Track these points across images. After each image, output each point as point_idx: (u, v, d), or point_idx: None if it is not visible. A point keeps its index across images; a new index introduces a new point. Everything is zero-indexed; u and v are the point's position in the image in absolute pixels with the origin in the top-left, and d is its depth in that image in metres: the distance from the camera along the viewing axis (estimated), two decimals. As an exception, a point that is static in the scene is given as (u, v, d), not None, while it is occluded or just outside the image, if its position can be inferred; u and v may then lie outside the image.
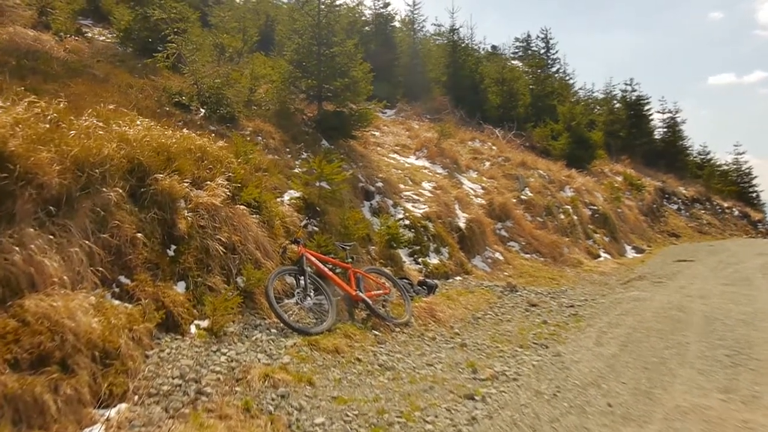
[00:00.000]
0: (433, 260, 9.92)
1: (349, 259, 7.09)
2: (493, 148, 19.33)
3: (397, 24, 27.82)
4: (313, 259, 6.59)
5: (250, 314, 5.89)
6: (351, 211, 8.43)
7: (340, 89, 11.21)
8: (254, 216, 6.73)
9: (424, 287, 8.45)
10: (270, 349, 5.26)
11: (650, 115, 32.05)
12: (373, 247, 8.90)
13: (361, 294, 6.70)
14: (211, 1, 16.24)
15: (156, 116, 7.85)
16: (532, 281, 11.20)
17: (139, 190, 5.51)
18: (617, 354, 6.02)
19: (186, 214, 5.82)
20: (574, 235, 15.56)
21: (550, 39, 32.54)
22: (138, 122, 6.23)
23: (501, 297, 9.35)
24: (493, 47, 35.09)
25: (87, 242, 4.65)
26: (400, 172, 12.55)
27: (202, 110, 9.10)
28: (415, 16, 26.99)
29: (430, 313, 7.55)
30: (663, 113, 33.45)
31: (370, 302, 6.71)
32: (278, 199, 7.83)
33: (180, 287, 5.39)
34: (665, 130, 33.26)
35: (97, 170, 5.01)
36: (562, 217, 15.77)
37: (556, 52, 32.57)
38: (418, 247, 9.83)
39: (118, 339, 4.22)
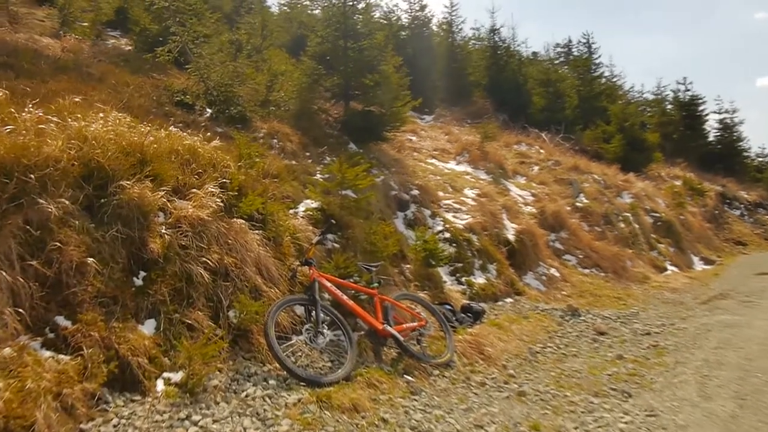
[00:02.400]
0: (479, 279, 8.45)
1: (375, 284, 5.69)
2: (541, 151, 17.73)
3: (434, 28, 26.64)
4: (329, 284, 5.23)
5: (244, 359, 4.56)
6: (379, 223, 7.05)
7: (369, 86, 9.92)
8: (256, 232, 5.43)
9: (469, 314, 7.00)
10: (264, 411, 3.92)
11: (705, 115, 29.69)
12: (408, 266, 7.50)
13: (389, 328, 5.31)
14: (243, 10, 15.45)
15: (151, 116, 6.69)
16: (595, 302, 9.59)
17: (97, 200, 4.28)
18: (737, 414, 4.41)
19: (162, 230, 4.56)
20: (637, 245, 13.82)
21: (593, 43, 30.58)
22: (109, 117, 5.00)
23: (561, 323, 7.80)
24: (534, 53, 33.44)
25: (7, 273, 3.40)
26: (438, 178, 11.13)
27: (209, 110, 7.91)
28: (453, 17, 25.61)
29: (477, 347, 6.09)
30: (719, 113, 30.88)
31: (401, 338, 5.31)
32: (291, 211, 6.53)
33: (147, 327, 4.10)
34: (721, 131, 30.68)
35: (32, 175, 3.79)
36: (622, 225, 14.05)
37: (600, 56, 30.46)
38: (460, 265, 8.38)
39: (33, 411, 2.95)
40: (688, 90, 29.29)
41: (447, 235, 8.74)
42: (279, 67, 9.57)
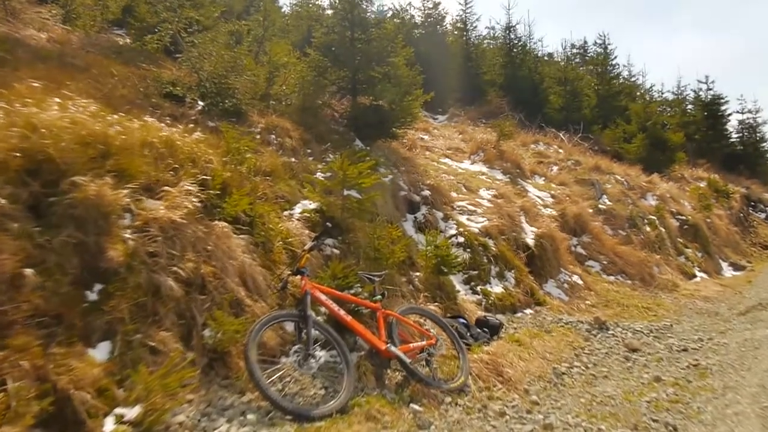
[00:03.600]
0: (496, 288, 7.70)
1: (378, 296, 4.97)
2: (560, 151, 16.93)
3: (448, 26, 25.95)
4: (323, 297, 4.52)
5: (220, 387, 3.86)
6: (386, 227, 6.33)
7: (378, 79, 9.22)
8: (242, 236, 4.75)
9: (485, 329, 6.26)
10: (237, 455, 3.22)
11: (728, 115, 28.55)
12: (417, 274, 6.78)
13: (393, 348, 4.58)
14: (254, 9, 14.92)
15: (134, 107, 6.03)
16: (623, 312, 8.80)
17: (45, 199, 3.61)
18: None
19: (126, 235, 3.88)
20: (664, 250, 12.95)
21: (609, 44, 29.42)
22: (69, 105, 4.33)
23: (588, 338, 7.02)
24: (549, 55, 32.48)
25: None
26: (452, 178, 10.39)
27: (201, 103, 7.25)
28: (467, 15, 24.83)
29: (494, 368, 5.35)
30: (742, 113, 29.66)
31: (407, 360, 4.59)
32: (285, 213, 5.85)
33: (99, 352, 3.42)
34: (744, 131, 29.47)
35: (-44, 169, 3.13)
36: (648, 229, 13.18)
37: (615, 57, 29.25)
38: (475, 272, 7.63)
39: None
40: (711, 89, 28.18)
41: (461, 239, 8.00)
42: (281, 58, 8.87)
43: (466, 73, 22.36)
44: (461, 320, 6.12)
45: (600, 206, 12.67)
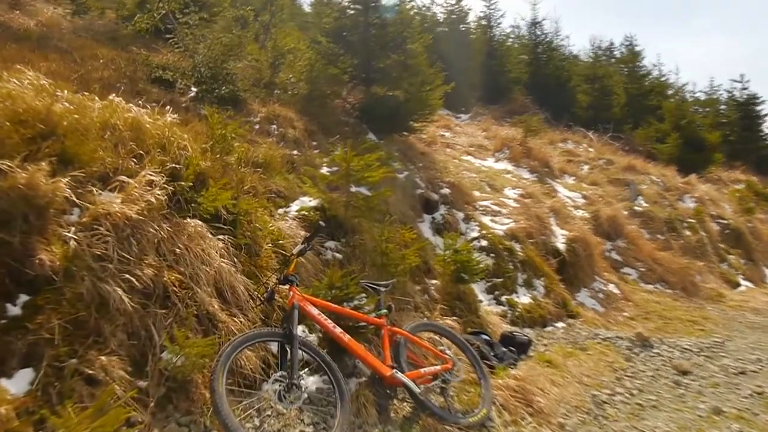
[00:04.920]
0: (523, 298, 6.84)
1: (384, 309, 4.15)
2: (590, 150, 15.94)
3: (471, 23, 25.06)
4: (315, 311, 3.71)
5: (179, 425, 3.07)
6: (395, 228, 5.52)
7: (393, 67, 8.43)
8: (221, 237, 3.97)
9: (512, 348, 5.39)
10: None
11: (765, 115, 27.06)
12: (433, 282, 5.96)
13: (400, 375, 3.75)
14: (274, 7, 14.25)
15: (113, 91, 5.31)
16: (666, 326, 7.85)
17: (-41, 189, 2.88)
18: None
19: (68, 233, 3.13)
20: (705, 257, 11.89)
21: (635, 46, 28.08)
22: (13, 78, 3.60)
23: (630, 358, 6.12)
24: (574, 56, 31.29)
25: None
26: (474, 175, 9.55)
27: (194, 89, 6.53)
28: (491, 12, 23.95)
29: (523, 396, 4.49)
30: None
31: (417, 389, 3.76)
32: (281, 210, 5.07)
33: (17, 382, 2.67)
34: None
35: None
36: (688, 233, 12.13)
37: (643, 58, 27.95)
38: (500, 280, 6.79)
39: None
40: (745, 88, 26.74)
41: (483, 242, 7.16)
42: (287, 44, 8.13)
43: (489, 71, 21.45)
44: (484, 337, 5.27)
45: (635, 208, 11.68)
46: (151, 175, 3.64)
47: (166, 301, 3.38)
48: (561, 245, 8.34)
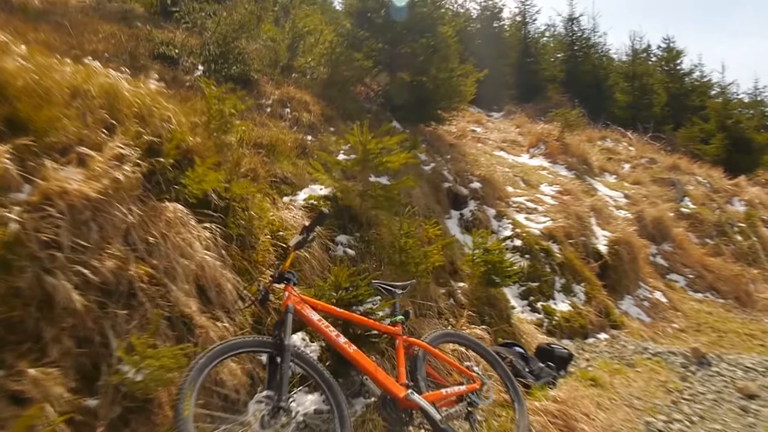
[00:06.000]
0: (561, 305, 6.10)
1: (400, 316, 3.45)
2: (630, 148, 14.99)
3: (506, 23, 24.25)
4: (315, 317, 3.04)
5: (135, 457, 2.46)
6: (417, 221, 4.83)
7: (420, 51, 7.75)
8: (207, 225, 3.35)
9: (550, 363, 4.66)
10: None
11: (813, 118, 25.57)
12: (460, 285, 5.26)
13: (416, 398, 3.05)
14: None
15: (108, 66, 4.76)
16: (720, 340, 7.02)
17: None
18: None
19: (11, 215, 2.54)
20: (759, 264, 10.91)
21: (675, 44, 26.71)
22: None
23: (685, 377, 5.31)
24: (612, 54, 30.08)
25: None
26: (508, 170, 8.81)
27: (200, 68, 5.96)
28: (526, 8, 23.14)
29: (564, 423, 3.76)
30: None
31: (437, 414, 3.06)
32: (286, 198, 4.44)
33: None
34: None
35: None
36: (740, 238, 11.16)
37: (684, 56, 26.51)
38: (535, 284, 6.06)
39: None
40: (792, 90, 25.24)
41: (517, 242, 6.44)
42: (307, 23, 7.52)
43: (523, 69, 20.74)
44: (518, 349, 4.54)
45: (682, 210, 10.77)
46: (121, 147, 3.04)
47: (130, 300, 2.77)
48: (603, 247, 7.55)
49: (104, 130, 3.17)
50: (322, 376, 2.87)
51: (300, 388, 3.09)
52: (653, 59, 26.31)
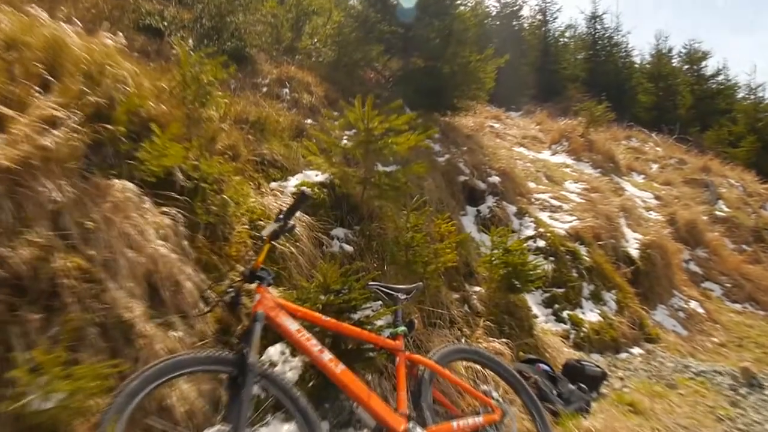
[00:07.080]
0: (590, 315, 5.40)
1: (403, 327, 2.79)
2: (657, 149, 14.21)
3: (525, 18, 23.55)
4: (293, 326, 2.38)
5: None
6: (426, 213, 4.16)
7: (436, 34, 7.11)
8: (167, 210, 2.73)
9: (581, 385, 3.97)
10: None
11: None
12: (476, 290, 4.59)
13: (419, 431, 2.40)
14: None
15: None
16: (766, 357, 6.26)
17: None
18: None
19: None
20: (797, 273, 10.11)
21: (700, 46, 25.61)
22: None
23: (735, 402, 4.58)
24: (635, 54, 29.18)
25: None
26: (530, 165, 8.12)
27: (191, 42, 5.35)
28: (547, 5, 22.47)
29: (601, 461, 3.08)
30: None
31: (446, 454, 2.40)
32: (274, 184, 3.81)
33: None
34: None
35: None
36: (776, 245, 10.35)
37: (710, 57, 25.43)
38: (561, 290, 5.38)
39: None
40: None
41: (541, 243, 5.76)
42: (312, 1, 6.91)
43: (543, 68, 20.08)
44: (543, 367, 3.86)
45: (716, 213, 10.00)
46: (54, 108, 2.42)
47: (51, 301, 2.14)
48: (634, 251, 6.85)
49: (38, 89, 2.55)
50: (297, 403, 2.23)
51: (274, 414, 2.45)
52: (680, 57, 25.50)
